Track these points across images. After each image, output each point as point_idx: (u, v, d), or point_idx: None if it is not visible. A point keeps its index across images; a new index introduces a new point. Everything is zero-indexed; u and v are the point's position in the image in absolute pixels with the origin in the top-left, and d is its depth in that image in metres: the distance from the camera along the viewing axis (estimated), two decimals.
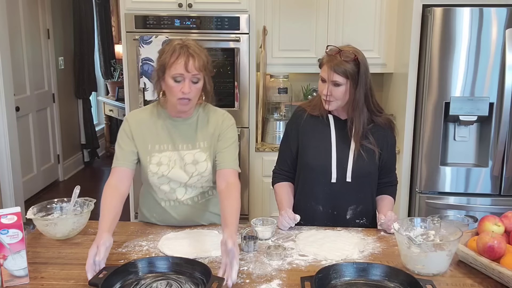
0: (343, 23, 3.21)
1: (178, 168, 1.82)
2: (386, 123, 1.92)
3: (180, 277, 1.46)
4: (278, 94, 3.25)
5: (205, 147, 1.84)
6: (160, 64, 1.72)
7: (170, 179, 1.83)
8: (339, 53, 1.77)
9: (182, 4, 2.99)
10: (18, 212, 1.43)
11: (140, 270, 1.48)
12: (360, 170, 1.88)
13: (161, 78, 1.74)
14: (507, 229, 1.59)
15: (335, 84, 1.79)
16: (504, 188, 2.81)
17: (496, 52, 2.67)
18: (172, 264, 1.50)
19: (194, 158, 1.83)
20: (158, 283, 1.43)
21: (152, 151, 1.82)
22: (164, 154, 1.82)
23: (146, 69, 2.99)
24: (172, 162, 1.82)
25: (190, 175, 1.83)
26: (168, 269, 1.49)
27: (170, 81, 1.70)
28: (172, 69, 1.68)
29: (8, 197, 3.81)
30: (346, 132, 1.90)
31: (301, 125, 1.95)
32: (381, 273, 1.43)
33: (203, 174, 1.84)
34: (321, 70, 1.84)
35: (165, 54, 1.70)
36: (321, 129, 1.92)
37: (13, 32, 4.05)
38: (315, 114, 1.93)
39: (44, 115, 4.84)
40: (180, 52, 1.68)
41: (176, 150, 1.83)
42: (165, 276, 1.47)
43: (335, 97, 1.81)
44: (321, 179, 1.90)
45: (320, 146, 1.91)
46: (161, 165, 1.81)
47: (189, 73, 1.68)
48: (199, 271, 1.46)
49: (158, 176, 1.82)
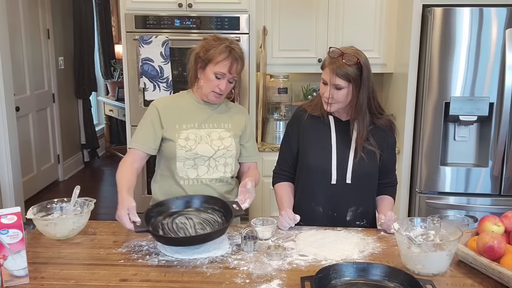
0: (343, 23, 3.21)
1: (204, 143, 1.94)
2: (387, 124, 1.92)
3: (194, 211, 1.81)
4: (278, 94, 3.25)
5: (229, 128, 2.00)
6: (206, 57, 1.88)
7: (197, 153, 1.93)
8: (341, 56, 1.76)
9: (182, 4, 2.99)
10: (18, 212, 1.43)
11: (160, 212, 1.78)
12: (360, 171, 1.87)
13: (201, 67, 1.92)
14: (507, 229, 1.59)
15: (337, 87, 1.78)
16: (504, 188, 2.80)
17: (496, 52, 2.67)
18: (181, 202, 1.83)
19: (219, 135, 1.97)
20: (179, 219, 1.77)
21: (180, 129, 1.95)
22: (191, 131, 1.95)
23: (146, 69, 2.99)
24: (199, 137, 1.95)
25: (217, 149, 1.95)
26: (180, 207, 1.82)
27: (211, 75, 1.89)
28: (217, 66, 1.87)
29: (8, 197, 3.81)
30: (346, 134, 1.89)
31: (302, 125, 1.95)
32: (381, 273, 1.43)
33: (228, 148, 1.97)
34: (323, 72, 1.83)
35: (213, 50, 1.87)
36: (322, 130, 1.92)
37: (13, 32, 4.06)
38: (316, 115, 1.93)
39: (44, 115, 4.84)
40: (228, 54, 1.86)
41: (202, 128, 1.97)
42: (181, 213, 1.81)
43: (337, 100, 1.81)
44: (321, 180, 1.90)
45: (321, 147, 1.91)
46: (189, 140, 1.93)
47: (230, 74, 1.89)
48: (209, 202, 1.83)
49: (186, 149, 1.92)
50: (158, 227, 1.72)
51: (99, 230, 1.85)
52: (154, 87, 3.02)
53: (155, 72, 3.00)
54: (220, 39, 1.91)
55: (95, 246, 1.72)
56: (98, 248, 1.70)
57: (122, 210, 1.65)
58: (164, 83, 3.01)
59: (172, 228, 1.72)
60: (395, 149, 2.00)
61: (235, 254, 1.65)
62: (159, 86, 3.02)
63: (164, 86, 3.02)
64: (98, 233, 1.82)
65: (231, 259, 1.61)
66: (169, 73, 3.02)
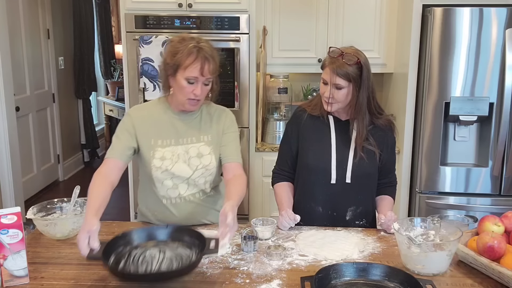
0: (343, 23, 3.21)
1: (181, 162, 1.82)
2: (386, 124, 1.92)
3: (171, 243, 1.55)
4: (278, 94, 3.25)
5: (209, 140, 1.86)
6: (173, 63, 1.72)
7: (174, 174, 1.82)
8: (341, 56, 1.76)
9: (182, 4, 2.99)
10: (18, 212, 1.43)
11: (132, 241, 1.55)
12: (360, 171, 1.87)
13: (171, 75, 1.75)
14: (507, 229, 1.59)
15: (337, 87, 1.78)
16: (504, 188, 2.80)
17: (496, 52, 2.67)
18: (163, 232, 1.59)
19: (198, 151, 1.84)
20: (150, 251, 1.50)
21: (155, 146, 1.82)
22: (168, 149, 1.82)
23: (146, 69, 2.99)
24: (176, 156, 1.81)
25: (194, 169, 1.83)
26: (159, 237, 1.58)
27: (183, 82, 1.72)
28: (187, 71, 1.70)
29: (8, 197, 3.82)
30: (346, 133, 1.90)
31: (301, 125, 1.95)
32: (381, 273, 1.43)
33: (207, 167, 1.84)
34: (323, 71, 1.83)
35: (180, 54, 1.70)
36: (321, 130, 1.92)
37: (13, 32, 4.05)
38: (315, 114, 1.94)
39: (44, 115, 4.84)
40: (197, 55, 1.69)
41: (179, 144, 1.83)
42: (156, 244, 1.55)
43: (337, 100, 1.81)
44: (320, 180, 1.90)
45: (320, 147, 1.91)
46: (165, 160, 1.81)
47: (203, 77, 1.71)
48: (190, 235, 1.55)
49: (161, 170, 1.81)
50: (123, 258, 1.49)
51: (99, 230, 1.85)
52: (154, 87, 3.02)
53: (155, 72, 2.99)
54: (185, 40, 1.73)
55: None
56: None
57: (82, 233, 1.44)
58: None
59: (137, 261, 1.49)
60: (394, 149, 2.00)
61: (235, 254, 1.65)
62: (159, 86, 3.02)
63: None
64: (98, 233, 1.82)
65: (231, 259, 1.61)
66: None
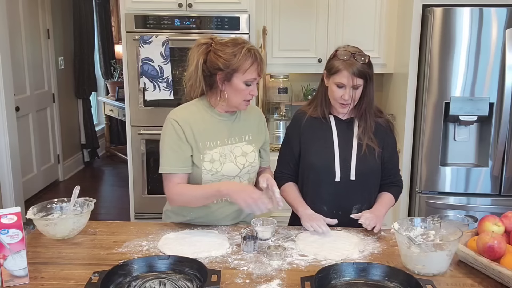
0: (343, 23, 3.21)
1: (229, 162, 1.85)
2: (385, 124, 1.96)
3: (173, 275, 1.46)
4: (278, 94, 3.25)
5: (250, 139, 1.91)
6: (230, 68, 1.72)
7: (223, 175, 1.84)
8: (353, 57, 1.80)
9: (182, 4, 2.99)
10: (18, 212, 1.43)
11: (132, 272, 1.47)
12: (364, 167, 1.90)
13: (225, 80, 1.76)
14: (507, 229, 1.59)
15: (355, 87, 1.82)
16: (504, 188, 2.81)
17: (496, 52, 2.67)
18: (164, 263, 1.50)
19: (242, 150, 1.88)
20: (150, 283, 1.42)
21: (203, 149, 1.82)
22: (215, 150, 1.83)
23: (146, 69, 2.99)
24: (223, 157, 1.84)
25: (242, 167, 1.87)
26: (160, 268, 1.49)
27: (241, 85, 1.75)
28: (246, 74, 1.73)
29: (8, 197, 3.81)
30: (347, 132, 1.93)
31: (302, 127, 1.97)
32: (381, 273, 1.43)
33: (252, 164, 1.89)
34: (336, 75, 1.82)
35: (238, 58, 1.71)
36: (323, 130, 1.94)
37: (13, 32, 4.05)
38: (315, 116, 1.95)
39: (44, 115, 4.84)
40: (254, 57, 1.74)
41: (225, 145, 1.86)
42: (157, 276, 1.46)
43: (355, 100, 1.85)
44: (325, 179, 1.91)
45: (323, 146, 1.92)
46: (214, 162, 1.82)
47: (260, 78, 1.78)
48: (192, 268, 1.47)
49: (212, 173, 1.82)
50: None
51: (99, 230, 1.85)
52: (154, 87, 3.02)
53: (155, 72, 3.00)
54: (236, 44, 1.75)
55: (95, 246, 1.72)
56: (98, 248, 1.70)
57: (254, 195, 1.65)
58: (164, 83, 3.01)
59: None
60: (396, 148, 2.01)
61: (235, 254, 1.65)
62: (159, 86, 3.02)
63: (164, 86, 3.02)
64: (98, 233, 1.82)
65: (231, 259, 1.61)
66: (169, 73, 3.02)
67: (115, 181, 5.34)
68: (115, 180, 5.40)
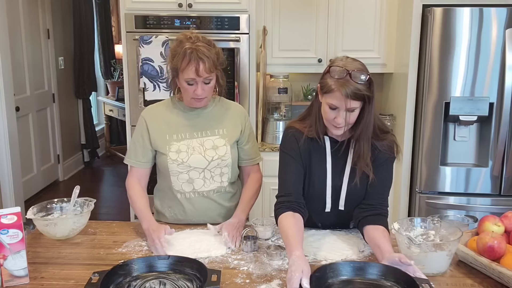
0: (343, 23, 3.21)
1: (197, 154, 1.87)
2: (389, 147, 1.70)
3: (173, 275, 1.46)
4: (278, 94, 3.25)
5: (224, 134, 1.91)
6: (173, 67, 1.79)
7: (190, 166, 1.86)
8: (349, 75, 1.53)
9: (182, 4, 2.99)
10: (18, 212, 1.43)
11: (132, 272, 1.47)
12: (354, 197, 1.73)
13: (175, 77, 1.82)
14: (507, 229, 1.59)
15: (350, 110, 1.57)
16: (504, 188, 2.80)
17: (496, 52, 2.67)
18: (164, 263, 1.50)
19: (213, 144, 1.89)
20: (150, 283, 1.42)
21: (170, 140, 1.87)
22: (183, 142, 1.87)
23: (146, 69, 2.99)
24: (191, 149, 1.87)
25: (210, 160, 1.87)
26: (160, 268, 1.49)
27: (184, 84, 1.78)
28: (184, 73, 1.75)
29: (8, 197, 3.82)
30: (342, 156, 1.72)
31: (301, 149, 1.73)
32: (377, 272, 1.43)
33: (223, 158, 1.88)
34: (328, 95, 1.57)
35: (176, 58, 1.76)
36: (318, 154, 1.73)
37: (13, 32, 4.05)
38: (311, 136, 1.71)
39: (44, 115, 4.84)
40: (190, 57, 1.72)
41: (194, 138, 1.88)
42: (157, 276, 1.46)
43: (350, 123, 1.60)
44: (316, 208, 1.77)
45: (316, 173, 1.74)
46: (180, 152, 1.86)
47: (200, 77, 1.75)
48: (192, 268, 1.47)
49: (177, 163, 1.85)
50: None
51: (99, 230, 1.85)
52: (154, 87, 3.02)
53: (155, 72, 3.00)
54: (182, 42, 1.76)
55: (95, 246, 1.72)
56: (98, 248, 1.70)
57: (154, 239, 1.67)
58: (164, 83, 3.01)
59: None
60: (392, 172, 1.75)
61: (235, 254, 1.65)
62: (159, 86, 3.02)
63: (164, 86, 3.02)
64: (98, 233, 1.83)
65: (231, 259, 1.62)
66: None
67: (115, 181, 5.34)
68: (115, 180, 5.40)
